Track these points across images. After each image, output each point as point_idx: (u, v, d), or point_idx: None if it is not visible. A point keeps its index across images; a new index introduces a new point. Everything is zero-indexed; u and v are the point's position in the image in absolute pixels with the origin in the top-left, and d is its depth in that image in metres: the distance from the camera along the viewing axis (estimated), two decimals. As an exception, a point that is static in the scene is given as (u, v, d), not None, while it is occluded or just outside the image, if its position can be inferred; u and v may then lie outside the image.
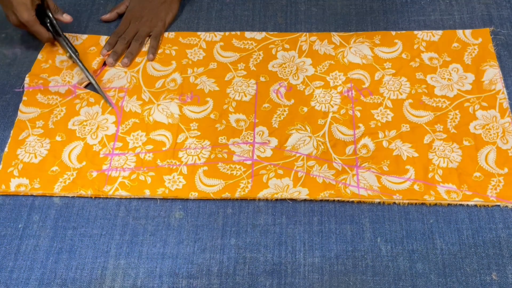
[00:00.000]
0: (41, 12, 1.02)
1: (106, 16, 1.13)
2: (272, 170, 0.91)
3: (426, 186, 0.87)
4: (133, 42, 1.08)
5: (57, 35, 1.04)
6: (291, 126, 0.95)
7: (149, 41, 1.08)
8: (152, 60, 1.06)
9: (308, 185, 0.88)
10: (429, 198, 0.86)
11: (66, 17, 1.05)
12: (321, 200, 0.88)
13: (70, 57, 1.03)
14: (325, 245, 0.84)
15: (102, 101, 1.01)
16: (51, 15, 1.02)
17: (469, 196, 0.86)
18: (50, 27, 1.03)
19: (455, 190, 0.87)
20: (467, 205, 0.86)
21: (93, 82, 1.01)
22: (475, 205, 0.86)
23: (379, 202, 0.87)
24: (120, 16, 1.13)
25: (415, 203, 0.86)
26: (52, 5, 1.02)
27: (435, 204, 0.86)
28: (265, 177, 0.90)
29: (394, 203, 0.87)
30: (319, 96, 0.99)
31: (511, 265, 0.80)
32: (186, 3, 1.15)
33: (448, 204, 0.86)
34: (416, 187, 0.87)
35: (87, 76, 1.02)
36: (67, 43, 1.03)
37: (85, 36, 1.11)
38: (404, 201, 0.86)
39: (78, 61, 1.03)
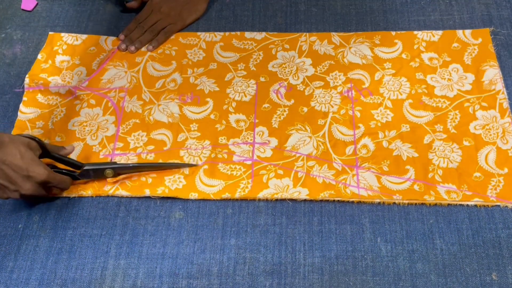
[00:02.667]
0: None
1: (131, 3, 1.12)
2: (272, 170, 0.91)
3: (426, 186, 0.87)
4: (147, 32, 1.08)
5: (79, 169, 0.89)
6: (291, 126, 0.95)
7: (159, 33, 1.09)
8: (151, 51, 1.07)
9: (308, 185, 0.88)
10: (429, 198, 0.86)
11: (69, 149, 0.90)
12: (321, 200, 0.88)
13: (114, 174, 0.90)
14: (325, 245, 0.84)
15: (103, 102, 1.01)
16: (59, 156, 0.88)
17: (469, 196, 0.86)
18: (68, 168, 0.90)
19: (455, 190, 0.87)
20: (467, 205, 0.86)
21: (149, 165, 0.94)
22: (475, 205, 0.86)
23: (379, 202, 0.87)
24: (144, 3, 1.14)
25: (415, 203, 0.86)
26: (52, 146, 0.89)
27: (435, 204, 0.86)
28: (265, 177, 0.90)
29: (394, 203, 0.87)
30: (319, 96, 0.99)
31: (511, 265, 0.80)
32: (186, 3, 1.16)
33: (448, 204, 0.86)
34: (416, 187, 0.87)
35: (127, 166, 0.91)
36: (98, 164, 0.91)
37: (85, 36, 1.11)
38: (404, 201, 0.86)
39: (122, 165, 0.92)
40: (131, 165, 0.90)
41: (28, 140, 0.82)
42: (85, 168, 0.88)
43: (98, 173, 0.89)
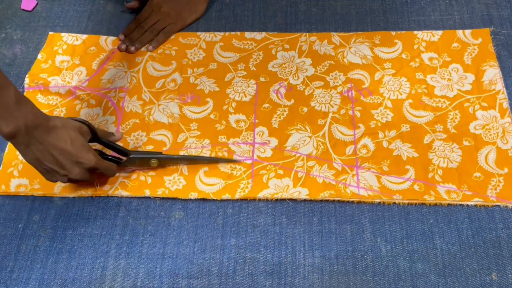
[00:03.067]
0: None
1: (131, 4, 1.12)
2: (272, 170, 0.90)
3: (426, 186, 0.87)
4: (147, 32, 1.08)
5: (126, 156, 0.90)
6: (291, 126, 0.95)
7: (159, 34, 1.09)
8: (151, 51, 1.07)
9: (308, 185, 0.88)
10: (429, 198, 0.86)
11: (118, 135, 0.92)
12: (321, 200, 0.88)
13: (159, 164, 0.91)
14: (325, 245, 0.84)
15: (103, 102, 1.01)
16: (108, 142, 0.89)
17: (469, 196, 0.86)
18: (115, 155, 0.91)
19: (455, 190, 0.87)
20: (467, 205, 0.86)
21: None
22: (475, 205, 0.86)
23: (379, 202, 0.87)
24: (144, 3, 1.13)
25: (415, 203, 0.86)
26: (102, 132, 0.90)
27: (435, 204, 0.86)
28: (265, 177, 0.90)
29: (394, 203, 0.87)
30: (319, 96, 0.99)
31: (511, 265, 0.80)
32: (186, 3, 1.16)
33: (448, 204, 0.86)
34: (416, 187, 0.87)
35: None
36: (144, 153, 0.92)
37: (85, 36, 1.11)
38: (404, 201, 0.86)
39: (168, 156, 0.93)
40: (176, 156, 0.92)
41: (80, 124, 0.83)
42: (131, 156, 0.89)
43: (143, 162, 0.90)
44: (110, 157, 0.89)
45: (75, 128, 0.82)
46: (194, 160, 0.92)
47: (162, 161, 0.91)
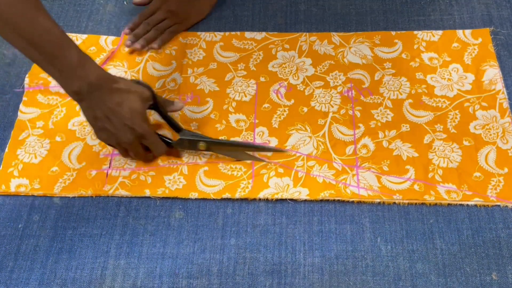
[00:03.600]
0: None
1: (139, 0, 1.10)
2: (272, 169, 0.90)
3: (426, 186, 0.87)
4: (153, 30, 1.07)
5: (177, 131, 0.91)
6: (291, 126, 0.95)
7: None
8: (156, 49, 1.06)
9: (309, 185, 0.88)
10: (429, 198, 0.86)
11: (178, 105, 0.93)
12: (321, 200, 0.88)
13: (207, 148, 0.91)
14: (325, 245, 0.84)
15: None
16: (165, 113, 0.90)
17: (469, 196, 0.86)
18: (167, 136, 0.92)
19: (455, 190, 0.87)
20: (467, 205, 0.86)
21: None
22: (475, 205, 0.86)
23: (379, 202, 0.87)
24: None
25: (415, 203, 0.86)
26: (163, 100, 0.91)
27: (435, 204, 0.86)
28: (266, 176, 0.90)
29: (394, 203, 0.87)
30: (319, 96, 0.99)
31: (511, 265, 0.80)
32: (186, 3, 1.15)
33: (448, 204, 0.86)
34: (416, 187, 0.87)
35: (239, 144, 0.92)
36: (194, 134, 0.92)
37: (85, 36, 1.11)
38: (404, 201, 0.86)
39: (222, 142, 0.93)
40: (223, 141, 0.92)
41: (142, 89, 0.84)
42: (180, 137, 0.90)
43: (192, 144, 0.90)
44: (162, 137, 0.90)
45: (137, 93, 0.83)
46: (242, 147, 0.91)
47: (210, 146, 0.90)
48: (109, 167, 0.93)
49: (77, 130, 0.97)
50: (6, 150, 0.96)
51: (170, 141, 0.90)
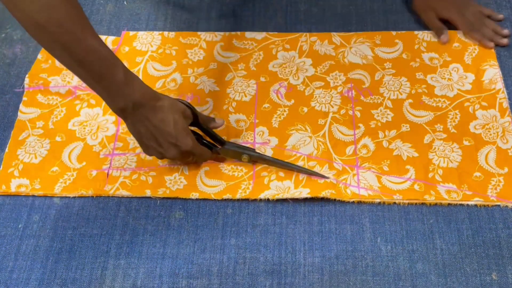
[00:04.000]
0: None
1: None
2: (273, 172, 0.90)
3: (426, 186, 0.87)
4: None
5: (221, 145, 0.91)
6: (291, 126, 0.95)
7: None
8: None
9: (310, 186, 0.88)
10: (429, 198, 0.86)
11: (219, 121, 0.93)
12: (321, 200, 0.87)
13: (250, 160, 0.91)
14: (325, 245, 0.84)
15: (103, 102, 1.00)
16: (207, 129, 0.90)
17: (469, 196, 0.86)
18: (210, 141, 0.92)
19: (455, 190, 0.87)
20: (467, 205, 0.86)
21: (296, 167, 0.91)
22: (475, 205, 0.86)
23: (379, 202, 0.87)
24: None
25: (415, 203, 0.86)
26: (204, 117, 0.91)
27: (435, 204, 0.86)
28: (266, 179, 0.90)
29: (394, 203, 0.87)
30: (319, 96, 0.99)
31: (511, 265, 0.80)
32: (186, 3, 1.15)
33: (448, 204, 0.86)
34: (416, 187, 0.87)
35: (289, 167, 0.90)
36: (239, 146, 0.91)
37: (85, 36, 1.10)
38: (404, 201, 0.86)
39: (260, 155, 0.91)
40: (267, 157, 0.91)
41: (184, 107, 0.85)
42: (225, 147, 0.90)
43: (235, 154, 0.90)
44: (205, 142, 0.90)
45: (180, 110, 0.83)
46: (285, 166, 0.90)
47: (253, 158, 0.90)
48: (110, 167, 0.93)
49: (77, 130, 0.97)
50: (6, 150, 0.96)
51: (215, 148, 0.91)
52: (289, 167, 0.90)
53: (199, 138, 0.90)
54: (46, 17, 0.67)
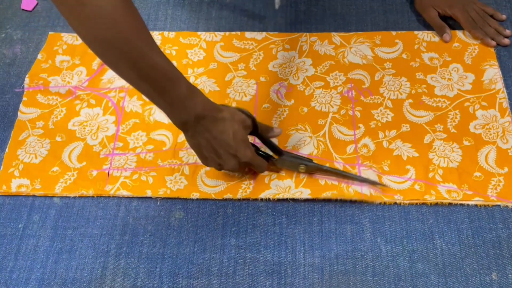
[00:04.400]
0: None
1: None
2: (274, 172, 0.90)
3: (426, 186, 0.87)
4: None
5: (278, 154, 0.89)
6: (291, 126, 0.95)
7: None
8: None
9: (310, 186, 0.88)
10: (430, 198, 0.86)
11: (277, 130, 0.91)
12: (321, 200, 0.88)
13: (307, 171, 0.89)
14: (325, 245, 0.84)
15: (103, 102, 1.01)
16: (265, 138, 0.89)
17: (470, 196, 0.86)
18: (268, 151, 0.90)
19: (455, 190, 0.87)
20: (468, 204, 0.86)
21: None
22: (475, 205, 0.86)
23: (379, 202, 0.87)
24: None
25: (416, 203, 0.86)
26: (263, 126, 0.89)
27: (436, 204, 0.86)
28: (267, 178, 0.90)
29: (395, 203, 0.87)
30: (319, 96, 0.99)
31: (511, 265, 0.80)
32: (186, 3, 1.15)
33: (449, 204, 0.86)
34: (417, 187, 0.87)
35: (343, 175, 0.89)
36: (296, 156, 0.90)
37: (85, 36, 1.10)
38: (405, 201, 0.86)
39: (317, 165, 0.89)
40: (325, 167, 0.89)
41: (245, 117, 0.83)
42: (283, 157, 0.89)
43: (292, 165, 0.89)
44: (262, 153, 0.89)
45: (240, 121, 0.82)
46: (344, 176, 0.89)
47: (311, 169, 0.89)
48: (110, 167, 0.93)
49: (77, 130, 0.97)
50: (7, 150, 0.96)
51: (271, 157, 0.89)
52: (348, 176, 0.88)
53: (255, 149, 0.89)
54: (114, 33, 0.67)
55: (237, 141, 0.82)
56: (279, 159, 0.89)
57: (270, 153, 0.90)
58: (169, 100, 0.76)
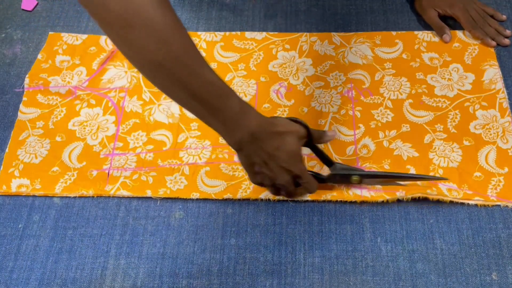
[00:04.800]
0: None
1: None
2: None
3: (427, 184, 0.87)
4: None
5: (329, 165, 0.86)
6: (291, 126, 0.95)
7: None
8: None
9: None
10: (432, 193, 0.85)
11: (331, 133, 0.85)
12: (321, 200, 0.87)
13: (361, 181, 0.86)
14: (325, 245, 0.84)
15: (103, 102, 1.01)
16: (318, 148, 0.85)
17: (470, 195, 0.86)
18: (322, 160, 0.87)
19: (456, 189, 0.87)
20: (468, 204, 0.86)
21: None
22: (475, 205, 0.86)
23: (381, 201, 0.87)
24: None
25: (416, 199, 0.86)
26: (316, 133, 0.84)
27: (436, 203, 0.86)
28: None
29: (396, 200, 0.86)
30: (319, 96, 0.99)
31: (511, 265, 0.80)
32: (186, 3, 1.15)
33: (450, 201, 0.86)
34: (418, 182, 0.87)
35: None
36: (346, 168, 0.87)
37: (85, 36, 1.11)
38: (408, 197, 0.86)
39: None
40: (377, 173, 0.88)
41: (299, 127, 0.80)
42: (332, 172, 0.85)
43: (344, 178, 0.86)
44: (312, 173, 0.85)
45: (294, 133, 0.79)
46: (395, 178, 0.87)
47: (364, 178, 0.86)
48: (110, 167, 0.93)
49: (77, 130, 0.97)
50: (7, 150, 0.96)
51: (322, 177, 0.86)
52: (401, 177, 0.87)
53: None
54: (164, 53, 0.64)
55: (291, 155, 0.78)
56: (331, 176, 0.86)
57: (322, 176, 0.86)
58: (222, 118, 0.72)
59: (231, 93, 0.72)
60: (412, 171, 0.89)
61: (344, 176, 0.85)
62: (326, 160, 0.86)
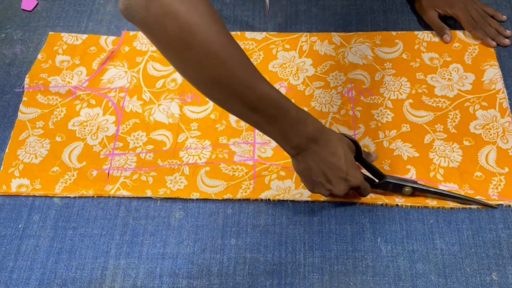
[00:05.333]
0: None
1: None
2: (274, 172, 0.90)
3: (428, 185, 0.87)
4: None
5: (380, 178, 0.86)
6: (291, 126, 0.95)
7: None
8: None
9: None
10: (431, 202, 0.86)
11: (374, 155, 0.88)
12: (321, 200, 0.87)
13: (413, 193, 0.86)
14: (325, 245, 0.84)
15: (103, 102, 1.01)
16: (367, 162, 0.86)
17: (471, 195, 0.86)
18: (371, 175, 0.87)
19: (456, 190, 0.87)
20: (470, 208, 0.86)
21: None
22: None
23: (381, 203, 0.87)
24: None
25: (417, 206, 0.86)
26: (364, 152, 0.86)
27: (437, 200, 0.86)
28: (267, 178, 0.90)
29: (397, 205, 0.86)
30: (319, 96, 0.99)
31: (511, 265, 0.80)
32: (186, 3, 1.15)
33: (451, 208, 0.86)
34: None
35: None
36: (399, 179, 0.86)
37: (85, 36, 1.11)
38: (407, 204, 0.86)
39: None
40: (431, 188, 0.86)
41: (349, 141, 0.81)
42: (386, 180, 0.85)
43: (396, 187, 0.86)
44: (365, 176, 0.85)
45: (348, 144, 0.80)
46: (448, 197, 0.86)
47: (416, 191, 0.85)
48: (110, 167, 0.93)
49: (77, 130, 0.97)
50: (7, 150, 0.96)
51: (374, 181, 0.86)
52: (454, 197, 0.85)
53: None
54: (220, 71, 0.66)
55: (348, 164, 0.79)
56: (384, 183, 0.85)
57: (374, 180, 0.86)
58: (281, 127, 0.74)
59: (288, 102, 0.73)
60: (413, 171, 0.89)
61: (396, 185, 0.85)
62: (377, 174, 0.86)
